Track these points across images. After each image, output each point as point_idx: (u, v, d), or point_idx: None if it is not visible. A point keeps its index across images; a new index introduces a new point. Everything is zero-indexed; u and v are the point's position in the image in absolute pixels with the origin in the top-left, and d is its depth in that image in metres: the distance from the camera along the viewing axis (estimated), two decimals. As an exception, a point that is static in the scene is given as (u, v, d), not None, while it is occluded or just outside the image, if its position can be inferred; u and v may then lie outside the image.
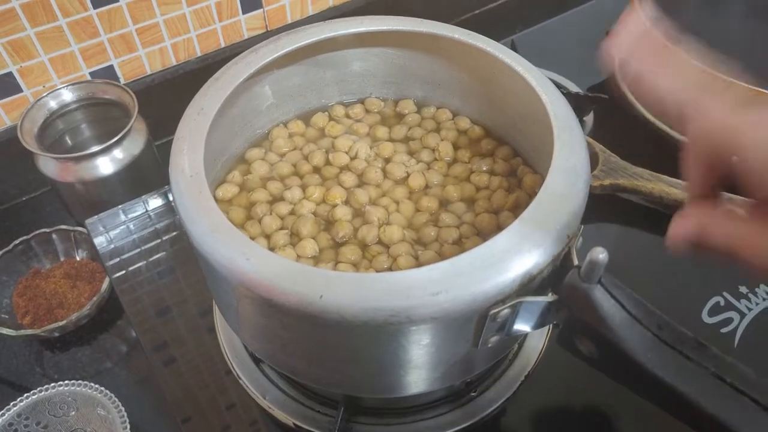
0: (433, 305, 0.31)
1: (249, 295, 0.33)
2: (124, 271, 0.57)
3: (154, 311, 0.55)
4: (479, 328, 0.33)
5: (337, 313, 0.31)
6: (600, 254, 0.29)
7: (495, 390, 0.46)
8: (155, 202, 0.62)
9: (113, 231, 0.59)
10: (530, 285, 0.33)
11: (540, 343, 0.49)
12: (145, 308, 0.55)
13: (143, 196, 0.61)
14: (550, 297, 0.32)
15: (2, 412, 0.48)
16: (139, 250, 0.59)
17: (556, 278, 0.33)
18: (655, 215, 0.60)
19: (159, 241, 0.60)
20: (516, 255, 0.32)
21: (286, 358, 0.38)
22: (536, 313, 0.33)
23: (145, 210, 0.61)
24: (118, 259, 0.58)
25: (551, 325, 0.50)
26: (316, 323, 0.32)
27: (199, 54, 0.74)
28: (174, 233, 0.60)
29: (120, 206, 0.60)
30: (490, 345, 0.35)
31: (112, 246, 0.58)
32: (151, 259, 0.58)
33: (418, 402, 0.46)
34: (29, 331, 0.54)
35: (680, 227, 0.29)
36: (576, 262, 0.33)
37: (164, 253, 0.59)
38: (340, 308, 0.31)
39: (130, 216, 0.61)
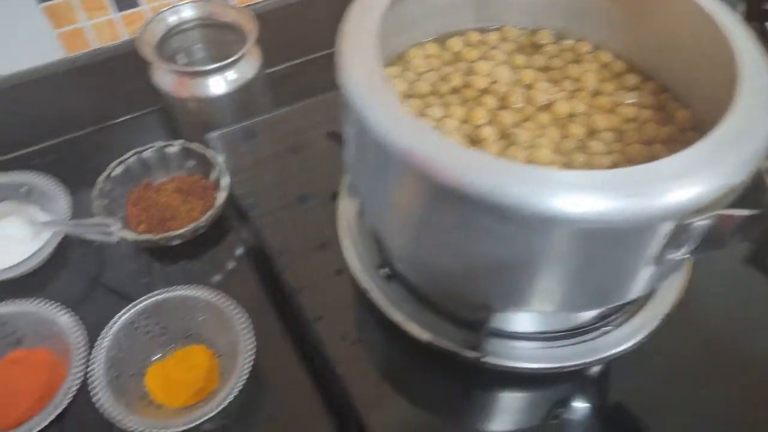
0: (629, 207, 0.30)
1: (427, 185, 0.32)
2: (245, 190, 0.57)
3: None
4: (669, 238, 0.31)
5: (519, 206, 0.30)
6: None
7: (629, 327, 0.45)
8: (266, 124, 0.62)
9: (230, 149, 0.59)
10: (727, 198, 0.31)
11: (678, 283, 0.47)
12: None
13: (256, 119, 0.61)
14: (750, 211, 0.31)
15: (126, 309, 0.49)
16: (255, 171, 0.59)
17: (753, 194, 0.32)
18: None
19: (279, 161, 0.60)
20: (716, 165, 0.31)
21: (436, 260, 0.37)
22: (729, 227, 0.32)
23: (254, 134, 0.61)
24: (238, 177, 0.58)
25: (691, 266, 0.48)
26: (492, 215, 0.31)
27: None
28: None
29: (238, 124, 0.60)
30: (667, 263, 0.33)
31: (231, 163, 0.58)
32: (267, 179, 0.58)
33: (551, 328, 0.45)
34: (148, 236, 0.54)
35: None
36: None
37: (283, 168, 0.59)
38: (524, 200, 0.30)
39: (246, 138, 0.61)
